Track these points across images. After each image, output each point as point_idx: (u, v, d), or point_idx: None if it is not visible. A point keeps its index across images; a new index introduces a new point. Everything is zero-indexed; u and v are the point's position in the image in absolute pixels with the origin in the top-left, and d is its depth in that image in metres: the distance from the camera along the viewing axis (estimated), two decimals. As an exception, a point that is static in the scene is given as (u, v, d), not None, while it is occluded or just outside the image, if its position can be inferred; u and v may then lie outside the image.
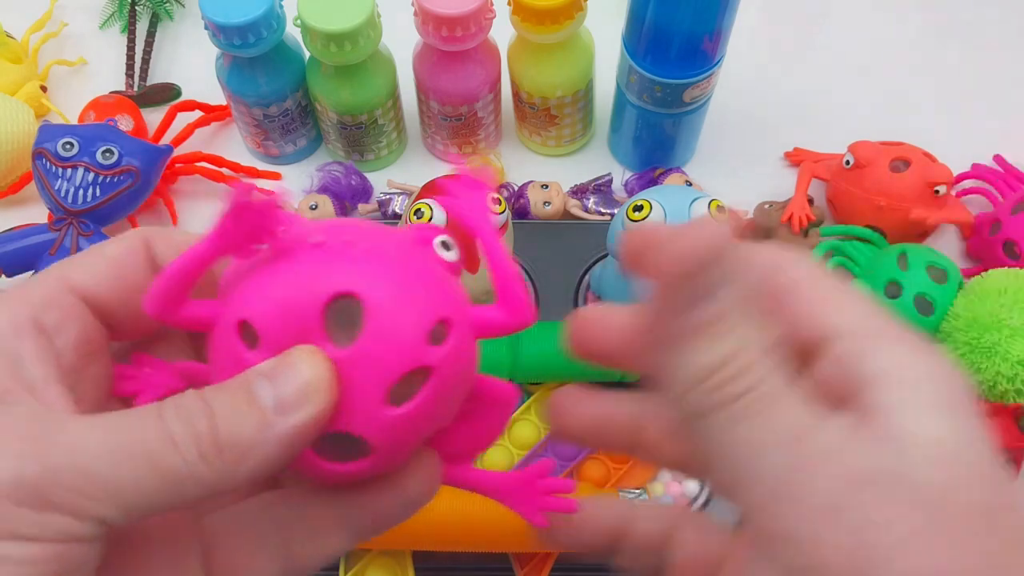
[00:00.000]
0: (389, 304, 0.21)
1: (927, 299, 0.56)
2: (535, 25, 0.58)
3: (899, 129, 0.66)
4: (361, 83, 0.62)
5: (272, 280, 0.21)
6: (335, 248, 0.21)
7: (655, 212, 0.47)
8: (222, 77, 0.63)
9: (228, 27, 0.57)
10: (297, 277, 0.21)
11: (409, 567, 0.49)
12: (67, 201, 0.57)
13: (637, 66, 0.58)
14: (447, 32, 0.58)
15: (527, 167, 0.69)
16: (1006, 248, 0.60)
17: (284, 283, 0.21)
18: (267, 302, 0.21)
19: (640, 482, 0.52)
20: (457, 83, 0.62)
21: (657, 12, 0.55)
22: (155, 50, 0.75)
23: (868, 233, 0.60)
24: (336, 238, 0.22)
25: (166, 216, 0.66)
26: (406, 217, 0.47)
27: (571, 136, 0.68)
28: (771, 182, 0.68)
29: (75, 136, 0.58)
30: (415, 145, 0.71)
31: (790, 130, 0.70)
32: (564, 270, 0.60)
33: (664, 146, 0.66)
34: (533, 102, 0.64)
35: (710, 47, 0.56)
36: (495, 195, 0.48)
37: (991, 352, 0.52)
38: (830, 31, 0.77)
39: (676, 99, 0.60)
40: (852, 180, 0.61)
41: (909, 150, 0.61)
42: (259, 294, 0.21)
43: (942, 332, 0.55)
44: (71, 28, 0.76)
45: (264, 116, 0.64)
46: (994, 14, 0.76)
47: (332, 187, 0.65)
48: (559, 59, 0.61)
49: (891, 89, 0.73)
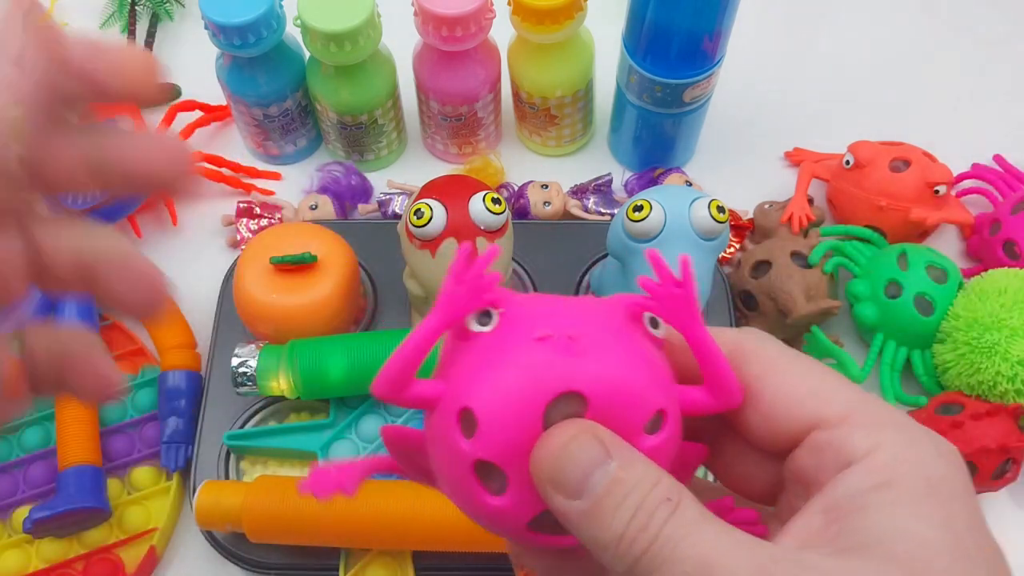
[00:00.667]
0: (612, 401, 0.22)
1: (927, 299, 0.56)
2: (535, 25, 0.58)
3: (899, 129, 0.67)
4: (361, 83, 0.62)
5: (497, 372, 0.22)
6: (560, 344, 0.22)
7: (655, 212, 0.47)
8: (222, 77, 0.63)
9: (228, 27, 0.57)
10: (523, 373, 0.22)
11: (409, 567, 0.49)
12: (67, 201, 0.57)
13: (637, 66, 0.58)
14: (447, 32, 0.58)
15: (527, 167, 0.69)
16: (1006, 248, 0.60)
17: (509, 378, 0.22)
18: (491, 395, 0.22)
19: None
20: (457, 83, 0.62)
21: (657, 12, 0.55)
22: (155, 50, 0.75)
23: (868, 233, 0.60)
24: (559, 330, 0.22)
25: (166, 216, 0.66)
26: (406, 217, 0.47)
27: (571, 136, 0.68)
28: (771, 182, 0.68)
29: (75, 136, 0.58)
30: (415, 145, 0.71)
31: (790, 130, 0.70)
32: (564, 270, 0.60)
33: (664, 146, 0.66)
34: (533, 102, 0.64)
35: (710, 47, 0.56)
36: (494, 195, 0.48)
37: (991, 352, 0.52)
38: (830, 31, 0.77)
39: (676, 99, 0.60)
40: (852, 180, 0.61)
41: (909, 150, 0.61)
42: (483, 386, 0.22)
43: (942, 332, 0.55)
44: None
45: (264, 116, 0.64)
46: (994, 14, 0.77)
47: (332, 187, 0.65)
48: (559, 59, 0.61)
49: (891, 89, 0.73)
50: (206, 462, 0.53)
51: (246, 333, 0.57)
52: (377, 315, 0.59)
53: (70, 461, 0.52)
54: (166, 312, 0.58)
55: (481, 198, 0.47)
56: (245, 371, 0.51)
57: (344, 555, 0.50)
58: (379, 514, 0.47)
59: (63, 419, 0.53)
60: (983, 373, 0.52)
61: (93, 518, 0.52)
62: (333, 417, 0.54)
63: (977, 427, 0.51)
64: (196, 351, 0.58)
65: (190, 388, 0.56)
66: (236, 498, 0.48)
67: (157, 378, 0.57)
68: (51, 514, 0.50)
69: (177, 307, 0.58)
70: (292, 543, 0.49)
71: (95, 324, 0.56)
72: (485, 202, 0.47)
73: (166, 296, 0.23)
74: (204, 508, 0.48)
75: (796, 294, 0.56)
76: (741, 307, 0.60)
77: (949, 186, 0.60)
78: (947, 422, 0.51)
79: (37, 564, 0.53)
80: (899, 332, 0.57)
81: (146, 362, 0.59)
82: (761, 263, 0.59)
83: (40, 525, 0.50)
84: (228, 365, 0.54)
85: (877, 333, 0.57)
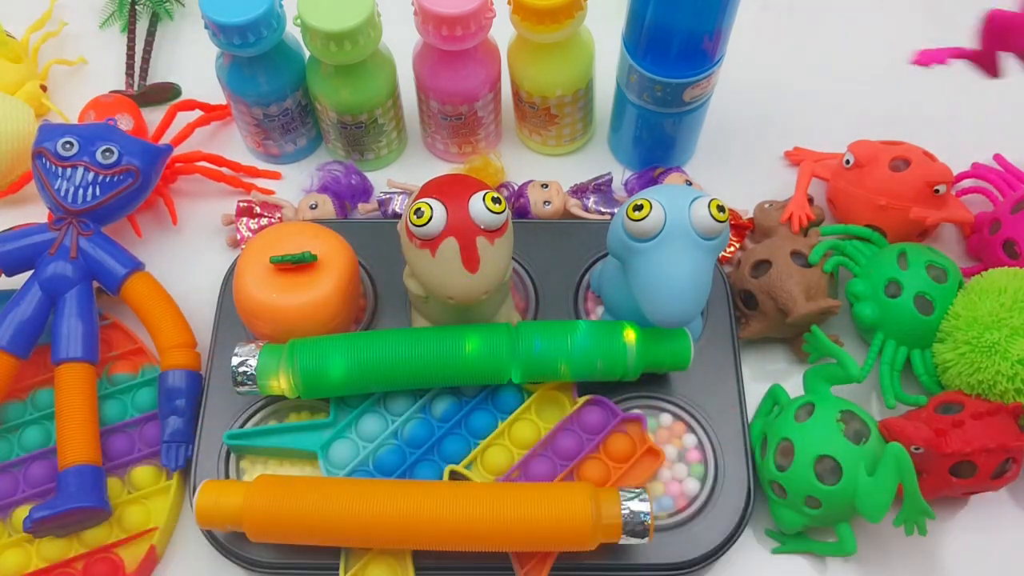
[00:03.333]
0: None
1: (927, 298, 0.56)
2: (535, 24, 0.58)
3: (899, 128, 0.67)
4: (361, 83, 0.62)
5: None
6: None
7: (655, 211, 0.47)
8: (222, 76, 0.63)
9: (228, 27, 0.57)
10: None
11: (409, 567, 0.49)
12: (67, 201, 0.57)
13: (637, 65, 0.58)
14: (447, 31, 0.58)
15: (527, 167, 0.69)
16: (1006, 247, 0.60)
17: None
18: None
19: (640, 482, 0.52)
20: (457, 83, 0.62)
21: (657, 12, 0.55)
22: (155, 50, 0.75)
23: (868, 232, 0.60)
24: None
25: (166, 216, 0.66)
26: (406, 216, 0.47)
27: (571, 136, 0.68)
28: (771, 181, 0.68)
29: (75, 135, 0.58)
30: (415, 145, 0.71)
31: (790, 129, 0.70)
32: (564, 270, 0.60)
33: (664, 145, 0.66)
34: (533, 101, 0.64)
35: (710, 47, 0.56)
36: (495, 194, 0.48)
37: (991, 351, 0.52)
38: (830, 30, 0.77)
39: (676, 99, 0.60)
40: (852, 179, 0.61)
41: (909, 149, 0.61)
42: None
43: (942, 331, 0.55)
44: (71, 27, 0.76)
45: (264, 115, 0.64)
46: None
47: (332, 186, 0.65)
48: (559, 58, 0.61)
49: (891, 88, 0.73)
50: (206, 461, 0.53)
51: (246, 333, 0.57)
52: (377, 315, 0.59)
53: (70, 461, 0.52)
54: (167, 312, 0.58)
55: (481, 197, 0.47)
56: (245, 371, 0.51)
57: (344, 555, 0.50)
58: (379, 514, 0.47)
59: (63, 419, 0.53)
60: (983, 372, 0.52)
61: (93, 517, 0.52)
62: (333, 416, 0.54)
63: (977, 426, 0.51)
64: (196, 351, 0.58)
65: (190, 388, 0.56)
66: (236, 498, 0.48)
67: (157, 378, 0.57)
68: (51, 513, 0.50)
69: (177, 306, 0.58)
70: (292, 543, 0.49)
71: (95, 323, 0.56)
72: (485, 201, 0.47)
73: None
74: (204, 507, 0.48)
75: (796, 293, 0.56)
76: (741, 306, 0.60)
77: (949, 185, 0.60)
78: (948, 421, 0.51)
79: (37, 563, 0.53)
80: (899, 331, 0.57)
81: (146, 362, 0.59)
82: (761, 262, 0.59)
83: (40, 524, 0.50)
84: (228, 365, 0.54)
85: (877, 332, 0.57)
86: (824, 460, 0.50)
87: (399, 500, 0.47)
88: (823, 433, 0.51)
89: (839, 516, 0.51)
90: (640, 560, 0.50)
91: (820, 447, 0.50)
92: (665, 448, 0.54)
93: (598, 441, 0.53)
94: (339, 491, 0.48)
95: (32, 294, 0.56)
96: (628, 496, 0.48)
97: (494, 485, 0.49)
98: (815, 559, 0.54)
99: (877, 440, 0.51)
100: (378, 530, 0.47)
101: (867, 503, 0.49)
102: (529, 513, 0.46)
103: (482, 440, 0.53)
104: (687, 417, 0.55)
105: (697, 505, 0.52)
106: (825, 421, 0.51)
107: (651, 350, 0.52)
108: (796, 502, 0.51)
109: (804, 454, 0.50)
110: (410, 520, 0.47)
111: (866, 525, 0.54)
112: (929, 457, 0.50)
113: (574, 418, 0.54)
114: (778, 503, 0.53)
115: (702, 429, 0.55)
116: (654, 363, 0.52)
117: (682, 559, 0.51)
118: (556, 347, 0.51)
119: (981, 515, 0.56)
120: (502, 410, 0.55)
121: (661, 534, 0.51)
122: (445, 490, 0.48)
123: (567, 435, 0.53)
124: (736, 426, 0.54)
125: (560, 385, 0.55)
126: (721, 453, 0.54)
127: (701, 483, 0.53)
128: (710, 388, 0.56)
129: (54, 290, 0.56)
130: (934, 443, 0.50)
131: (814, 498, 0.50)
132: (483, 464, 0.53)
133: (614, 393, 0.55)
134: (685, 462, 0.54)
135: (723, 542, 0.51)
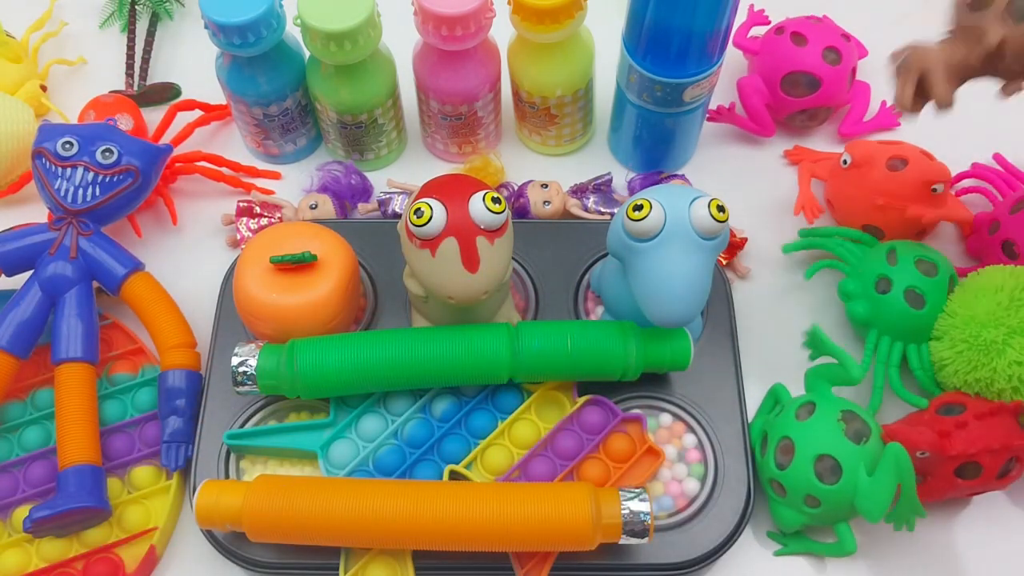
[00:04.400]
0: None
1: (917, 292, 0.56)
2: (535, 24, 0.58)
3: (898, 128, 0.67)
4: (361, 83, 0.62)
5: None
6: None
7: (655, 211, 0.47)
8: (222, 76, 0.63)
9: (228, 26, 0.57)
10: None
11: (409, 567, 0.49)
12: (67, 200, 0.57)
13: (637, 65, 0.58)
14: (447, 31, 0.58)
15: (527, 167, 0.69)
16: (1005, 248, 0.60)
17: None
18: None
19: (640, 481, 0.52)
20: (457, 82, 0.62)
21: (657, 11, 0.55)
22: (155, 50, 0.75)
23: (856, 234, 0.60)
24: None
25: (166, 215, 0.66)
26: (406, 216, 0.47)
27: (571, 136, 0.68)
28: (770, 181, 0.68)
29: (75, 135, 0.58)
30: (415, 145, 0.71)
31: (790, 128, 0.70)
32: (564, 270, 0.60)
33: (664, 145, 0.66)
34: (533, 101, 0.64)
35: (710, 47, 0.56)
36: (494, 194, 0.48)
37: (988, 350, 0.52)
38: (830, 31, 0.77)
39: (676, 98, 0.60)
40: (850, 179, 0.61)
41: (907, 149, 0.61)
42: None
43: (939, 330, 0.55)
44: (71, 27, 0.76)
45: (264, 115, 0.64)
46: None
47: (332, 186, 0.65)
48: (559, 58, 0.61)
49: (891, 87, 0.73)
50: (206, 461, 0.53)
51: (246, 333, 0.57)
52: (377, 315, 0.59)
53: (70, 460, 0.52)
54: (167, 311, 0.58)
55: (481, 197, 0.47)
56: (245, 370, 0.51)
57: (344, 555, 0.50)
58: (379, 514, 0.47)
59: (63, 419, 0.53)
60: (980, 371, 0.52)
61: (93, 517, 0.52)
62: (333, 416, 0.54)
63: (981, 427, 0.51)
64: (196, 351, 0.58)
65: (190, 388, 0.56)
66: (236, 498, 0.48)
67: (157, 378, 0.57)
68: (51, 513, 0.50)
69: (177, 306, 0.58)
70: (292, 543, 0.49)
71: (95, 323, 0.56)
72: (485, 201, 0.47)
73: None
74: (204, 507, 0.48)
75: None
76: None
77: (947, 185, 0.59)
78: (951, 423, 0.51)
79: (37, 563, 0.53)
80: (892, 327, 0.57)
81: (146, 362, 0.59)
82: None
83: (40, 524, 0.50)
84: (228, 365, 0.54)
85: (871, 329, 0.58)
86: (824, 459, 0.50)
87: (399, 500, 0.47)
88: (824, 432, 0.51)
89: (838, 515, 0.51)
90: (640, 560, 0.50)
91: (820, 446, 0.50)
92: (665, 448, 0.54)
93: (598, 441, 0.53)
94: (339, 491, 0.48)
95: (32, 294, 0.56)
96: (628, 496, 0.48)
97: (494, 485, 0.49)
98: (815, 559, 0.54)
99: (877, 440, 0.51)
100: (378, 530, 0.47)
101: (866, 503, 0.49)
102: (529, 513, 0.46)
103: (482, 440, 0.53)
104: (687, 417, 0.55)
105: (697, 505, 0.52)
106: (826, 420, 0.51)
107: (651, 350, 0.52)
108: (795, 501, 0.51)
109: (804, 453, 0.50)
110: (410, 520, 0.47)
111: (866, 525, 0.54)
112: (934, 460, 0.50)
113: (574, 418, 0.54)
114: (778, 502, 0.53)
115: (702, 429, 0.55)
116: (654, 363, 0.53)
117: (682, 559, 0.51)
118: (556, 347, 0.51)
119: (981, 515, 0.56)
120: (502, 410, 0.55)
121: (661, 534, 0.51)
122: (445, 490, 0.48)
123: (567, 435, 0.53)
124: (736, 426, 0.54)
125: (560, 385, 0.55)
126: (721, 453, 0.54)
127: (701, 483, 0.53)
128: (710, 388, 0.56)
129: (54, 290, 0.56)
130: (939, 446, 0.50)
131: (813, 497, 0.50)
132: (483, 464, 0.53)
133: (614, 393, 0.55)
134: (685, 462, 0.54)
135: (723, 542, 0.51)
